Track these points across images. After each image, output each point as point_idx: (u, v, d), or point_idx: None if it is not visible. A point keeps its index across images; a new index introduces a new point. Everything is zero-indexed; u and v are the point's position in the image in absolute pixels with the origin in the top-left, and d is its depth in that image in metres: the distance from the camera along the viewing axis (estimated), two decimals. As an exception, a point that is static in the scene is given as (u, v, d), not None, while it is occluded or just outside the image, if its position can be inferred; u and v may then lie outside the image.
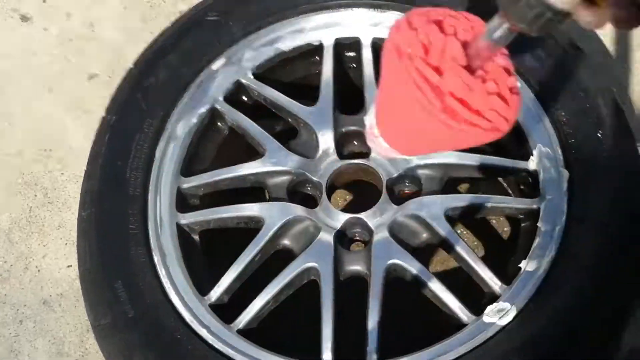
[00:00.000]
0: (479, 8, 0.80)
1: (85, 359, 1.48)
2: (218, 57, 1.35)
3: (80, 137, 1.74)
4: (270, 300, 1.18)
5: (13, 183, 1.70)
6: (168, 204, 1.27)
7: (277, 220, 1.25)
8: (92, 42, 1.87)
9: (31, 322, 1.53)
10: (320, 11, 1.37)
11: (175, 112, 1.32)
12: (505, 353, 1.05)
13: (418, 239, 1.24)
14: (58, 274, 1.58)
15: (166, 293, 1.17)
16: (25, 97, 1.81)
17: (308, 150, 1.31)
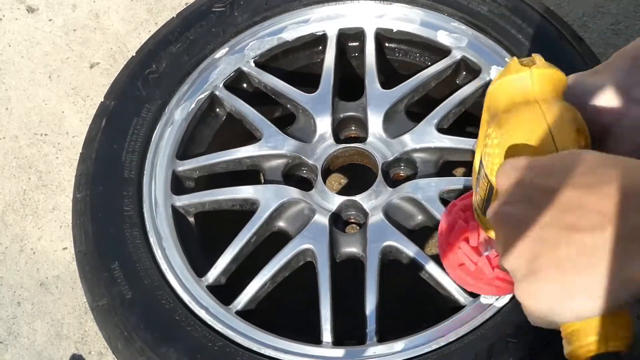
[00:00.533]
0: None
1: (85, 341, 1.49)
2: (222, 47, 1.36)
3: (77, 122, 1.75)
4: (267, 281, 1.19)
5: (7, 166, 1.70)
6: (163, 186, 1.27)
7: (272, 202, 1.25)
8: (96, 32, 1.87)
9: (29, 304, 1.54)
10: (326, 3, 1.39)
11: (175, 98, 1.33)
12: (503, 334, 1.06)
13: (413, 222, 1.25)
14: (53, 256, 1.59)
15: (163, 274, 1.18)
16: (24, 84, 1.81)
17: (305, 135, 1.32)
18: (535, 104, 0.66)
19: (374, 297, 1.15)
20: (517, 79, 0.67)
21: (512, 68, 0.68)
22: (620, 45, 1.75)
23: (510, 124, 0.66)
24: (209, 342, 1.11)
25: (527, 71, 0.67)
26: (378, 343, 1.12)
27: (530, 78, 0.67)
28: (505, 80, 0.68)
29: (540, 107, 0.65)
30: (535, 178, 0.58)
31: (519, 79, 0.67)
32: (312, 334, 1.15)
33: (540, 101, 0.66)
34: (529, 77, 0.66)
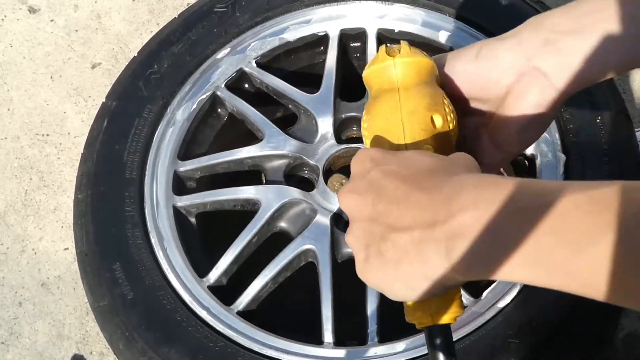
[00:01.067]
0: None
1: (86, 341, 1.49)
2: (223, 47, 1.37)
3: (79, 123, 1.75)
4: (268, 282, 1.19)
5: (8, 167, 1.70)
6: (164, 186, 1.27)
7: (274, 202, 1.25)
8: (98, 32, 1.88)
9: (30, 305, 1.54)
10: (327, 3, 1.39)
11: (177, 98, 1.33)
12: (505, 335, 1.06)
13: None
14: (55, 256, 1.59)
15: (165, 275, 1.18)
16: (26, 85, 1.81)
17: (307, 136, 1.32)
18: (395, 91, 0.71)
19: (375, 298, 1.15)
20: (383, 67, 0.73)
21: (380, 57, 0.73)
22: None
23: (374, 110, 0.73)
24: (210, 343, 1.11)
25: (391, 60, 0.72)
26: (379, 343, 1.12)
27: (394, 67, 0.72)
28: (373, 69, 0.74)
29: (399, 95, 0.71)
30: (374, 171, 0.63)
31: (384, 67, 0.72)
32: (313, 335, 1.15)
33: (402, 89, 0.71)
34: (393, 65, 0.72)
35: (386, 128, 0.71)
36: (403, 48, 0.73)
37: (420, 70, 0.72)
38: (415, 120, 0.70)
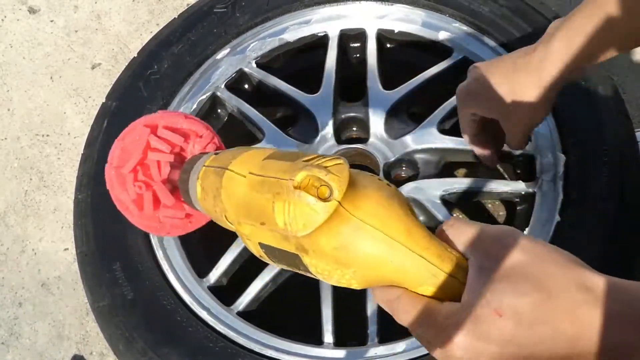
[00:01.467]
0: None
1: (86, 342, 1.49)
2: (223, 47, 1.37)
3: (79, 123, 1.75)
4: (268, 282, 1.19)
5: (8, 167, 1.70)
6: (164, 187, 1.27)
7: (274, 203, 1.25)
8: (97, 33, 1.88)
9: (30, 305, 1.54)
10: (327, 4, 1.39)
11: (177, 98, 1.33)
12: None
13: (415, 222, 1.25)
14: (55, 256, 1.59)
15: (165, 275, 1.18)
16: (26, 85, 1.81)
17: (307, 136, 1.32)
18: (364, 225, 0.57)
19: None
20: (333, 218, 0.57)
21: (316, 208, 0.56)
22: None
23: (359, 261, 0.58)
24: (211, 343, 1.11)
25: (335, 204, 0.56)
26: (379, 344, 1.12)
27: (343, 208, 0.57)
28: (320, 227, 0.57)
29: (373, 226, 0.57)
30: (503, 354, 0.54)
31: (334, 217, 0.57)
32: (313, 335, 1.15)
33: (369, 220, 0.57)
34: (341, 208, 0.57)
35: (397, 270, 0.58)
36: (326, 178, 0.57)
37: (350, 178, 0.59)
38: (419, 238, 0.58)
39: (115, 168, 0.86)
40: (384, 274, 0.58)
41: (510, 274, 0.54)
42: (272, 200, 0.58)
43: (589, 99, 1.22)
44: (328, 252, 0.58)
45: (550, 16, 1.32)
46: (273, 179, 0.59)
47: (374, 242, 0.57)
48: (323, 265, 0.59)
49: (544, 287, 0.53)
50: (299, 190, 0.56)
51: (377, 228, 0.56)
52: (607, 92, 1.23)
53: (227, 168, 0.66)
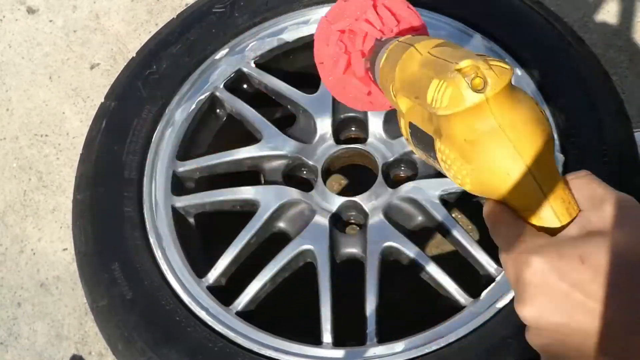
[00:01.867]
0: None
1: (85, 342, 1.49)
2: (222, 47, 1.36)
3: (78, 123, 1.75)
4: (267, 282, 1.19)
5: (7, 167, 1.70)
6: (163, 187, 1.27)
7: (273, 203, 1.25)
8: (96, 33, 1.88)
9: (29, 305, 1.54)
10: (326, 4, 1.39)
11: (175, 98, 1.33)
12: (503, 335, 1.06)
13: (413, 222, 1.25)
14: (54, 257, 1.59)
15: (164, 275, 1.18)
16: (25, 85, 1.81)
17: (305, 136, 1.32)
18: (500, 133, 0.58)
19: (374, 298, 1.15)
20: (474, 110, 0.58)
21: (464, 94, 0.58)
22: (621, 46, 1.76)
23: (480, 160, 0.59)
24: (209, 343, 1.11)
25: (483, 98, 0.58)
26: (378, 344, 1.12)
27: (488, 105, 0.58)
28: (460, 113, 0.58)
29: (510, 139, 0.58)
30: (572, 294, 0.54)
31: (476, 109, 0.58)
32: (312, 335, 1.15)
33: (506, 128, 0.58)
34: (487, 105, 0.58)
35: (511, 185, 0.59)
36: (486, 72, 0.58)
37: (509, 88, 0.59)
38: (547, 171, 0.59)
39: (327, 21, 0.89)
40: (496, 185, 0.59)
41: (611, 237, 0.54)
42: (432, 77, 0.61)
43: (588, 99, 1.22)
44: (458, 142, 0.60)
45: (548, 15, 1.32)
46: (443, 60, 0.62)
47: (502, 151, 0.58)
48: (448, 153, 0.61)
49: (634, 270, 0.53)
50: (457, 72, 0.58)
51: (511, 140, 0.58)
52: (607, 92, 1.23)
53: (413, 45, 0.70)
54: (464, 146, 0.60)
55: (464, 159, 0.60)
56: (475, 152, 0.59)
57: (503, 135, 0.58)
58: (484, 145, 0.59)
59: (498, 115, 0.58)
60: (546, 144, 0.59)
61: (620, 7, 1.77)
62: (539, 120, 0.59)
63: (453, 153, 0.61)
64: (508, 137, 0.58)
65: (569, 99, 1.23)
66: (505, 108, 0.58)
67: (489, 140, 0.58)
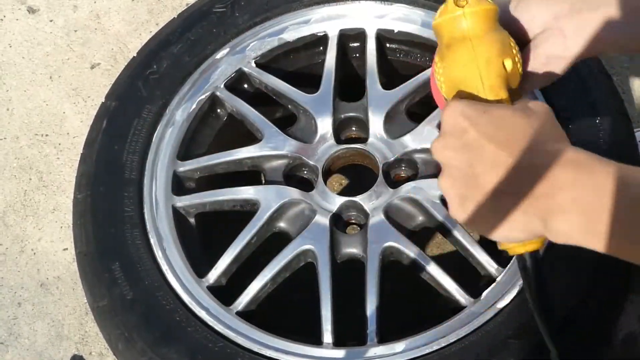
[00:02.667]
0: None
1: (86, 342, 1.49)
2: (223, 47, 1.37)
3: (78, 123, 1.75)
4: (267, 282, 1.19)
5: (7, 167, 1.70)
6: (164, 187, 1.27)
7: (273, 203, 1.25)
8: (97, 33, 1.88)
9: (30, 305, 1.54)
10: (327, 4, 1.39)
11: (176, 98, 1.33)
12: (504, 335, 1.06)
13: (414, 222, 1.25)
14: (54, 256, 1.59)
15: (164, 275, 1.18)
16: (25, 85, 1.81)
17: (306, 136, 1.32)
18: (468, 41, 0.77)
19: (374, 298, 1.15)
20: (453, 18, 0.77)
21: (449, 7, 0.78)
22: (622, 46, 1.75)
23: (449, 59, 0.79)
24: (210, 343, 1.11)
25: (460, 10, 0.77)
26: (379, 344, 1.12)
27: (464, 17, 0.77)
28: (443, 19, 0.78)
29: (472, 44, 0.77)
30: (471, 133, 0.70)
31: (454, 18, 0.77)
32: (312, 335, 1.15)
33: (473, 38, 0.77)
34: (463, 16, 0.77)
35: (463, 77, 0.77)
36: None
37: (488, 18, 0.77)
38: (491, 69, 0.76)
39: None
40: (455, 75, 0.78)
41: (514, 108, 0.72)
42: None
43: (588, 99, 1.22)
44: (442, 49, 0.80)
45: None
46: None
47: (464, 51, 0.77)
48: (437, 60, 0.80)
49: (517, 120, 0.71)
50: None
51: (473, 47, 0.77)
52: (607, 92, 1.23)
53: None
54: (443, 51, 0.79)
55: (441, 60, 0.80)
56: (448, 53, 0.79)
57: (469, 42, 0.77)
58: (455, 47, 0.78)
59: (469, 28, 0.77)
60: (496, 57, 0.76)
61: (621, 7, 1.77)
62: (502, 42, 0.77)
63: (438, 57, 0.81)
64: (472, 44, 0.77)
65: (569, 99, 1.23)
66: (477, 25, 0.77)
67: (459, 44, 0.77)
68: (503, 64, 0.77)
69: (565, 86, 1.24)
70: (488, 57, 0.76)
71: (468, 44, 0.77)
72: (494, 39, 0.77)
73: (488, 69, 0.76)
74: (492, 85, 0.76)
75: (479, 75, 0.76)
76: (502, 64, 0.77)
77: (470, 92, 0.77)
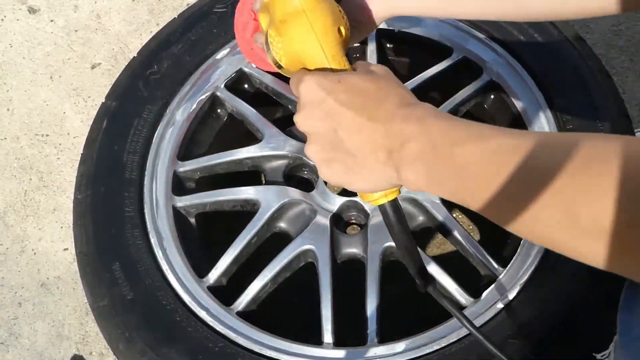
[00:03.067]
0: None
1: (86, 342, 1.49)
2: (223, 47, 1.37)
3: (78, 123, 1.75)
4: (268, 282, 1.19)
5: (8, 167, 1.70)
6: (164, 187, 1.27)
7: (273, 203, 1.25)
8: (97, 33, 1.88)
9: (30, 305, 1.54)
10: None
11: (176, 98, 1.33)
12: (505, 335, 1.06)
13: (414, 222, 1.25)
14: (54, 257, 1.59)
15: (164, 275, 1.18)
16: (26, 85, 1.81)
17: (306, 135, 1.32)
18: (302, 14, 0.80)
19: (374, 298, 1.15)
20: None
21: None
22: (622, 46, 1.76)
23: (287, 34, 0.81)
24: (210, 343, 1.11)
25: None
26: (379, 344, 1.12)
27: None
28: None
29: (307, 17, 0.80)
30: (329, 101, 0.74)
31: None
32: (313, 335, 1.15)
33: (307, 11, 0.80)
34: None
35: (303, 50, 0.80)
36: None
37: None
38: (330, 38, 0.80)
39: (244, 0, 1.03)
40: (297, 50, 0.81)
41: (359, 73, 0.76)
42: None
43: (588, 99, 1.22)
44: (276, 23, 0.81)
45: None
46: None
47: (301, 25, 0.80)
48: (272, 34, 0.82)
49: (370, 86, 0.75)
50: None
51: (308, 19, 0.79)
52: (607, 92, 1.23)
53: None
54: (279, 25, 0.81)
55: (279, 35, 0.81)
56: (285, 28, 0.81)
57: (304, 16, 0.80)
58: (291, 22, 0.80)
59: (302, 2, 0.80)
60: (332, 27, 0.80)
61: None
62: (332, 11, 0.81)
63: (273, 32, 0.82)
64: (307, 17, 0.79)
65: (569, 99, 1.23)
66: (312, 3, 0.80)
67: (294, 18, 0.80)
68: (339, 31, 0.81)
69: (565, 86, 1.25)
70: (324, 27, 0.80)
71: (303, 18, 0.80)
72: (326, 9, 0.81)
73: (327, 39, 0.80)
74: (334, 54, 0.80)
75: (320, 47, 0.80)
76: (337, 31, 0.80)
77: (314, 63, 0.80)
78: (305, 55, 0.81)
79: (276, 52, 0.83)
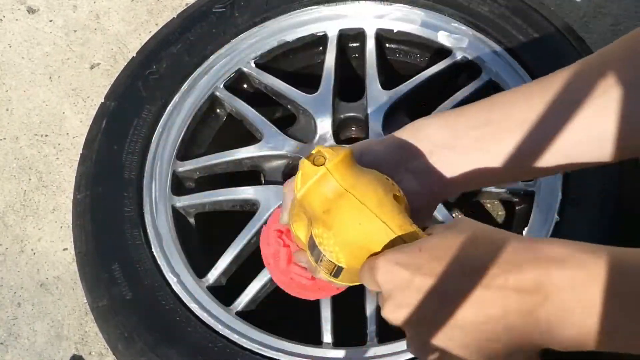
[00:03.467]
0: None
1: (85, 342, 1.49)
2: (222, 47, 1.37)
3: (78, 123, 1.75)
4: (267, 282, 1.19)
5: (7, 167, 1.70)
6: (163, 187, 1.27)
7: (273, 203, 1.25)
8: (96, 33, 1.88)
9: (29, 305, 1.54)
10: (326, 4, 1.39)
11: (175, 99, 1.33)
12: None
13: (414, 222, 1.25)
14: (54, 256, 1.59)
15: (164, 275, 1.18)
16: (25, 85, 1.81)
17: (306, 136, 1.32)
18: (347, 194, 0.68)
19: (374, 298, 1.15)
20: (319, 181, 0.68)
21: (309, 171, 0.69)
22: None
23: (337, 222, 0.69)
24: (210, 343, 1.11)
25: (324, 169, 0.68)
26: (379, 344, 1.12)
27: (330, 173, 0.68)
28: (310, 187, 0.69)
29: (354, 196, 0.68)
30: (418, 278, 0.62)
31: (320, 180, 0.68)
32: (312, 335, 1.15)
33: (350, 189, 0.68)
34: (328, 173, 0.68)
35: (363, 232, 0.68)
36: (325, 152, 0.69)
37: (350, 163, 0.69)
38: (388, 209, 0.68)
39: (266, 227, 0.91)
40: (357, 238, 0.68)
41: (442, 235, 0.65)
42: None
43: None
44: (319, 216, 0.69)
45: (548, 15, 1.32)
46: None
47: (350, 206, 0.68)
48: (318, 232, 0.70)
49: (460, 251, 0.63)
50: (305, 159, 0.69)
51: (355, 196, 0.68)
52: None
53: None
54: (324, 218, 0.69)
55: (327, 228, 0.69)
56: (332, 217, 0.69)
57: (348, 194, 0.68)
58: (337, 207, 0.68)
59: (340, 180, 0.68)
60: (385, 196, 0.68)
61: (621, 7, 1.77)
62: (379, 180, 0.69)
63: (319, 229, 0.70)
64: (353, 194, 0.68)
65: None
66: (346, 174, 0.68)
67: (339, 202, 0.68)
68: (395, 197, 0.69)
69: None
70: (377, 198, 0.68)
71: (349, 197, 0.68)
72: (370, 179, 0.70)
73: (384, 210, 0.68)
74: (400, 224, 0.67)
75: (380, 220, 0.67)
76: (393, 198, 0.69)
77: (380, 242, 0.67)
78: (367, 239, 0.68)
79: (330, 252, 0.70)
